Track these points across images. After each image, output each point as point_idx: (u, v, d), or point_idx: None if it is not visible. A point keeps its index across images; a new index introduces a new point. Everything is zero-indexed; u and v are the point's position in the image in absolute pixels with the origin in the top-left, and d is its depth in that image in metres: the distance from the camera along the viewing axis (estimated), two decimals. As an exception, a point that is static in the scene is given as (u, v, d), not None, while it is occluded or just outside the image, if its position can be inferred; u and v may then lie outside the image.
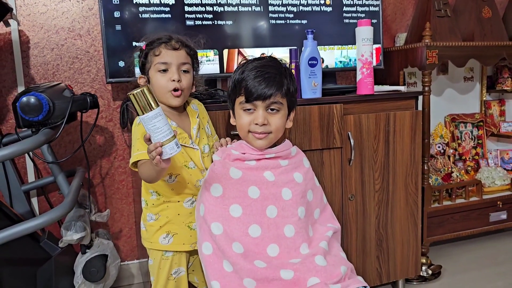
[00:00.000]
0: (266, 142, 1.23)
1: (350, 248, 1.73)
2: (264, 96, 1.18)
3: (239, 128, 1.25)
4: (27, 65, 1.86)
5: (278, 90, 1.20)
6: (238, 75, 1.22)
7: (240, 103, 1.21)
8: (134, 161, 1.17)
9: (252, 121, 1.20)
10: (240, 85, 1.20)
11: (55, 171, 1.51)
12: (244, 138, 1.25)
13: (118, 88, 1.97)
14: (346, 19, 2.04)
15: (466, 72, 2.57)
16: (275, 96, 1.19)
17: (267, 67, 1.22)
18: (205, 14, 1.83)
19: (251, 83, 1.18)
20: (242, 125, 1.23)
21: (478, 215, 2.23)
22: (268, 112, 1.20)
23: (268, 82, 1.18)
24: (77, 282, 1.46)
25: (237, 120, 1.25)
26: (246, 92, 1.18)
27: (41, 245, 1.69)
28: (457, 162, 2.50)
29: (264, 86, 1.17)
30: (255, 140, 1.23)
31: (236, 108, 1.24)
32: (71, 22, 1.89)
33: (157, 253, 1.29)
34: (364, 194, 1.73)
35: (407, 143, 1.77)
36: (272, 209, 1.21)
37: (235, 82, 1.23)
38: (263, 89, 1.17)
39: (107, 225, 2.04)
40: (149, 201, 1.29)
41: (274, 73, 1.21)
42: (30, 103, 1.32)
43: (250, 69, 1.21)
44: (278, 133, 1.24)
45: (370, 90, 1.69)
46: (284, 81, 1.22)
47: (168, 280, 1.29)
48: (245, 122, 1.21)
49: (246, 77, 1.19)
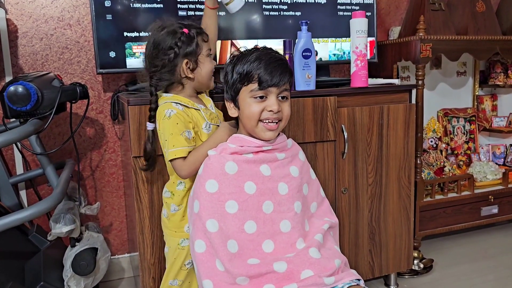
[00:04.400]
0: (276, 134, 1.23)
1: (343, 241, 1.72)
2: (279, 82, 1.18)
3: (247, 117, 1.21)
4: (15, 55, 1.81)
5: (289, 78, 1.22)
6: (246, 65, 1.19)
7: (251, 91, 1.19)
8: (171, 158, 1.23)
9: (265, 109, 1.19)
10: (251, 73, 1.18)
11: (44, 163, 1.48)
12: (252, 129, 1.21)
13: (109, 79, 1.93)
14: (340, 11, 2.02)
15: (459, 67, 2.57)
16: (287, 83, 1.21)
17: (274, 56, 1.22)
18: (198, 5, 1.80)
19: (266, 69, 1.17)
20: (252, 113, 1.19)
21: (470, 209, 2.23)
22: (279, 99, 1.20)
23: (282, 69, 1.19)
24: (66, 275, 1.44)
25: (245, 109, 1.21)
26: (260, 79, 1.17)
27: (30, 238, 1.66)
28: (449, 156, 2.51)
29: (279, 72, 1.18)
30: (265, 132, 1.20)
31: (244, 97, 1.20)
32: (60, 11, 1.85)
33: (174, 242, 1.33)
34: (357, 187, 1.72)
35: (401, 137, 1.76)
36: (269, 205, 1.20)
37: (242, 72, 1.19)
38: (279, 75, 1.18)
39: (97, 218, 2.01)
40: (176, 192, 1.33)
41: (284, 61, 1.23)
42: (17, 92, 1.28)
43: (257, 58, 1.19)
44: (286, 122, 1.25)
45: (364, 83, 1.68)
46: (291, 72, 1.25)
47: (181, 269, 1.34)
48: (257, 110, 1.19)
49: (258, 65, 1.18)
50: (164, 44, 1.27)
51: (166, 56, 1.26)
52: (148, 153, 1.31)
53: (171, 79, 1.29)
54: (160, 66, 1.27)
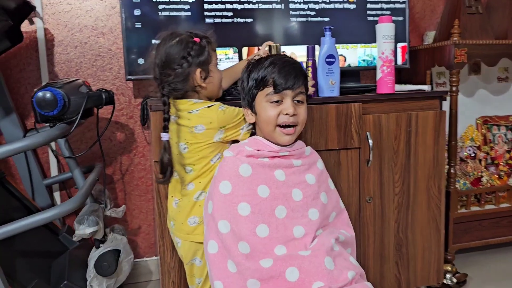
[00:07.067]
0: (293, 138, 1.24)
1: (368, 252, 1.67)
2: (293, 85, 1.19)
3: (264, 122, 1.22)
4: (51, 62, 1.90)
5: (303, 81, 1.23)
6: (261, 71, 1.21)
7: (267, 95, 1.20)
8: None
9: (281, 112, 1.20)
10: (266, 78, 1.20)
11: (71, 165, 1.54)
12: (269, 134, 1.22)
13: (139, 85, 1.99)
14: (370, 16, 1.98)
15: (500, 72, 2.44)
16: (302, 86, 1.22)
17: (288, 60, 1.23)
18: (225, 12, 1.82)
19: (280, 73, 1.19)
20: (269, 117, 1.20)
21: (509, 222, 2.11)
22: (294, 103, 1.21)
23: (296, 72, 1.21)
24: (89, 276, 1.48)
25: (262, 114, 1.22)
26: (275, 82, 1.18)
27: (60, 238, 1.73)
28: (489, 166, 2.38)
29: (294, 75, 1.19)
30: (283, 136, 1.21)
31: (260, 102, 1.22)
32: (94, 20, 1.93)
33: None
34: (383, 196, 1.67)
35: (430, 145, 1.70)
36: (281, 209, 1.18)
37: (257, 78, 1.21)
38: (293, 78, 1.19)
39: (125, 221, 2.06)
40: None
41: (297, 65, 1.24)
42: (45, 98, 1.34)
43: (271, 63, 1.21)
44: (303, 126, 1.25)
45: (391, 89, 1.63)
46: (306, 75, 1.26)
47: None
48: (273, 114, 1.20)
49: (273, 69, 1.19)
50: (176, 54, 1.27)
51: (178, 66, 1.27)
52: (165, 165, 1.29)
53: (185, 88, 1.30)
54: (173, 75, 1.27)
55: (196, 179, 1.33)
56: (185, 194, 1.34)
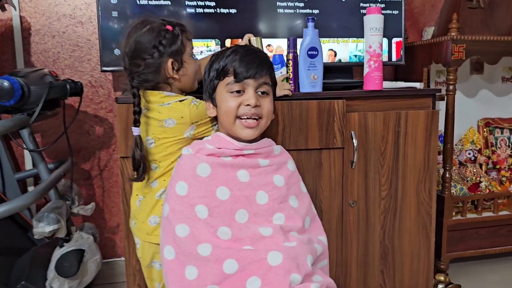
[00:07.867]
0: (256, 132, 1.13)
1: (350, 260, 1.57)
2: (255, 74, 1.09)
3: (224, 114, 1.12)
4: (27, 52, 1.83)
5: (268, 71, 1.13)
6: (222, 60, 1.12)
7: (227, 85, 1.10)
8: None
9: (242, 103, 1.10)
10: (226, 66, 1.10)
11: (36, 159, 1.45)
12: (229, 127, 1.13)
13: (119, 77, 1.90)
14: (363, 9, 1.86)
15: (505, 72, 2.31)
16: (266, 76, 1.12)
17: (252, 49, 1.15)
18: (207, 1, 1.72)
19: (242, 61, 1.09)
20: (228, 108, 1.10)
21: (508, 231, 1.98)
22: (258, 94, 1.11)
23: (260, 61, 1.11)
24: (49, 276, 1.40)
25: (222, 105, 1.12)
26: (236, 71, 1.09)
27: (29, 235, 1.65)
28: (490, 171, 2.26)
29: (257, 64, 1.10)
30: (243, 129, 1.11)
31: (221, 93, 1.12)
32: (73, 9, 1.85)
33: None
34: (368, 200, 1.56)
35: (421, 146, 1.58)
36: (243, 214, 1.08)
37: (218, 68, 1.12)
38: (255, 67, 1.09)
39: (104, 219, 1.98)
40: None
41: (262, 54, 1.15)
42: (2, 87, 1.26)
43: (234, 51, 1.12)
44: (268, 120, 1.15)
45: (378, 86, 1.52)
46: (271, 65, 1.16)
47: None
48: (233, 105, 1.10)
49: (234, 57, 1.10)
50: (147, 42, 1.18)
51: (149, 56, 1.18)
52: (137, 162, 1.19)
53: (156, 79, 1.21)
54: (143, 66, 1.18)
55: (161, 177, 1.24)
56: (148, 192, 1.25)
